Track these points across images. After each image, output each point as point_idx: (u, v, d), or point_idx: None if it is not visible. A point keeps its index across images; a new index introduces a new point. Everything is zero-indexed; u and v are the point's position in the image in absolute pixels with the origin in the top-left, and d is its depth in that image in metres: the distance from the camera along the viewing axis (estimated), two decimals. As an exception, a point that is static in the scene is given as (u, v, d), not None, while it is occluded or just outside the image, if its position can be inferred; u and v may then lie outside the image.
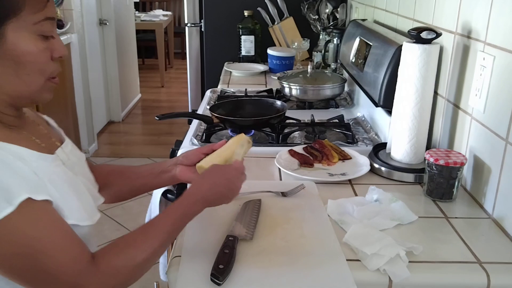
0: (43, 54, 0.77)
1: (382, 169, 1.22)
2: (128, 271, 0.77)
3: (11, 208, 0.67)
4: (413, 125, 1.19)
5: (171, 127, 4.53)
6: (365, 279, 0.82)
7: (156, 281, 1.47)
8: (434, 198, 1.09)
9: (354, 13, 2.31)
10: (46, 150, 0.80)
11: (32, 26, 0.74)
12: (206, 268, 0.81)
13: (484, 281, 0.83)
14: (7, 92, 0.76)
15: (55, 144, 0.87)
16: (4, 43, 0.73)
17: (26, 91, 0.77)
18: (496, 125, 1.00)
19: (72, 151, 0.90)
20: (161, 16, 6.41)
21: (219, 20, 2.73)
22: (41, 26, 0.75)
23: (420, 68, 1.14)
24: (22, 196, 0.68)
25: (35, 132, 0.84)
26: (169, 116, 1.57)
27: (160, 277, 1.47)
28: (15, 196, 0.68)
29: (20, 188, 0.69)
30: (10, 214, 0.67)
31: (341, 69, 2.17)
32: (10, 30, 0.72)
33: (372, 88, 1.46)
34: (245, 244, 0.90)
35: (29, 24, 0.74)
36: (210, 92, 2.07)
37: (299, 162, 1.28)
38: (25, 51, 0.74)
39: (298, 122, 1.63)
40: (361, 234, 0.91)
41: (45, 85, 0.79)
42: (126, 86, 4.89)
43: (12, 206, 0.67)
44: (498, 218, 1.00)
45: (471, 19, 1.10)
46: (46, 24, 0.76)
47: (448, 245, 0.92)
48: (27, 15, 0.73)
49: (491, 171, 1.02)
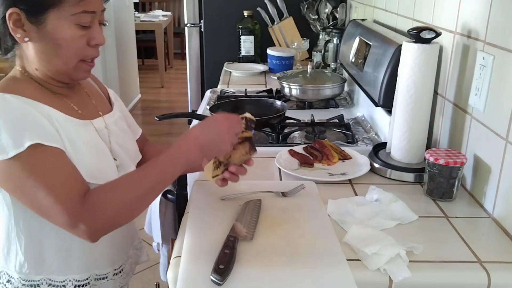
0: (79, 40, 0.91)
1: (382, 168, 1.22)
2: (115, 207, 0.87)
3: (21, 149, 0.82)
4: (413, 125, 1.19)
5: (171, 128, 4.54)
6: (365, 278, 0.82)
7: (156, 281, 1.48)
8: (434, 197, 1.09)
9: (354, 12, 2.31)
10: (81, 117, 0.97)
11: (70, 16, 0.88)
12: (206, 268, 0.81)
13: (484, 280, 0.83)
14: (48, 67, 0.93)
15: (98, 113, 1.03)
16: (45, 27, 0.88)
17: (63, 68, 0.93)
18: (496, 125, 1.00)
19: (117, 122, 1.07)
20: (161, 16, 6.41)
21: (219, 20, 2.73)
22: (78, 18, 0.89)
23: (419, 67, 1.14)
24: (33, 140, 0.83)
25: (80, 102, 1.00)
26: (169, 116, 1.57)
27: (161, 277, 1.48)
28: (27, 140, 0.83)
29: (33, 134, 0.84)
30: (20, 153, 0.82)
31: (340, 69, 2.17)
32: (51, 17, 0.88)
33: (372, 88, 1.46)
34: (246, 244, 0.90)
35: (68, 14, 0.88)
36: (210, 92, 2.06)
37: (299, 162, 1.28)
38: (62, 36, 0.89)
39: (298, 122, 1.63)
40: (361, 234, 0.91)
41: (78, 66, 0.94)
42: (126, 87, 4.89)
43: (22, 147, 0.82)
44: (498, 218, 1.00)
45: (471, 19, 1.10)
46: (83, 16, 0.89)
47: (448, 244, 0.92)
48: (66, 7, 0.87)
49: (491, 171, 1.02)
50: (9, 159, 0.83)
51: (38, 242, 0.96)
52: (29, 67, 0.94)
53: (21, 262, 0.97)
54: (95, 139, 0.98)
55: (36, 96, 0.91)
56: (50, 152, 0.86)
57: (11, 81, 0.93)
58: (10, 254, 0.97)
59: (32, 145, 0.83)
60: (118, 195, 0.88)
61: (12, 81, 0.94)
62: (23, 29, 0.88)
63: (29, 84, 0.93)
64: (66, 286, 0.99)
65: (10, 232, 0.96)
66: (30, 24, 0.88)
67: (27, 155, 0.83)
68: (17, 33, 0.88)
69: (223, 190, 1.13)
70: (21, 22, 0.88)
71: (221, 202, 1.07)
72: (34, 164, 0.84)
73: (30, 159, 0.84)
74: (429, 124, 1.22)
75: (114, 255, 1.08)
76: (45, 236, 0.96)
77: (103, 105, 1.09)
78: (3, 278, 0.99)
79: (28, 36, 0.89)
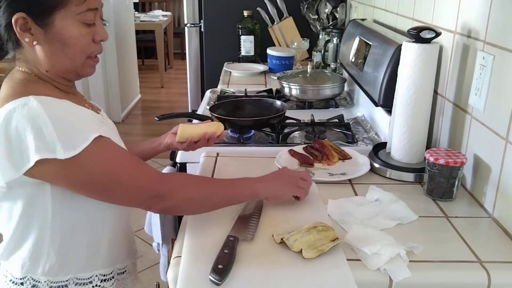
0: (85, 38, 0.93)
1: (382, 168, 1.22)
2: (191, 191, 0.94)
3: (87, 143, 0.85)
4: (413, 125, 1.19)
5: (171, 128, 4.52)
6: (365, 278, 0.82)
7: (156, 281, 1.48)
8: (435, 197, 1.09)
9: (354, 12, 2.31)
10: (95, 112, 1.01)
11: (76, 15, 0.90)
12: (206, 268, 0.81)
13: (484, 280, 0.83)
14: (58, 67, 0.94)
15: (97, 110, 1.06)
16: (53, 28, 0.89)
17: (71, 65, 0.95)
18: (496, 124, 1.00)
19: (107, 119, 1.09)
20: (161, 16, 6.41)
21: (219, 20, 2.73)
22: (83, 16, 0.91)
23: (419, 67, 1.14)
24: (95, 134, 0.87)
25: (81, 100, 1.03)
26: (169, 116, 1.57)
27: (161, 277, 1.47)
28: (90, 134, 0.86)
29: (91, 128, 0.88)
30: (87, 147, 0.85)
31: (340, 69, 2.17)
32: (58, 19, 0.89)
33: (372, 88, 1.46)
34: (246, 244, 0.90)
35: (74, 14, 0.90)
36: (210, 92, 2.06)
37: (299, 162, 1.28)
38: (70, 36, 0.91)
39: (298, 122, 1.63)
40: (361, 234, 0.91)
41: (86, 62, 0.96)
42: (126, 87, 4.89)
43: (88, 141, 0.85)
44: (498, 217, 1.00)
45: (471, 18, 1.10)
46: (88, 14, 0.91)
47: (448, 244, 0.92)
48: (72, 7, 0.89)
49: (491, 170, 1.02)
50: (74, 156, 0.84)
51: (71, 240, 0.96)
52: (38, 70, 0.94)
53: (52, 264, 0.96)
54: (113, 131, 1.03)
55: (57, 95, 0.92)
56: (108, 141, 0.91)
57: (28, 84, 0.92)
58: (41, 258, 0.96)
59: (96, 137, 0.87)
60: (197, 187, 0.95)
61: (29, 83, 0.92)
62: (31, 33, 0.89)
63: (45, 85, 0.94)
64: (92, 282, 1.00)
65: (43, 235, 0.94)
66: (37, 27, 0.88)
67: (93, 147, 0.86)
68: (25, 38, 0.89)
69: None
70: (28, 26, 0.88)
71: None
72: (103, 152, 0.89)
73: (97, 150, 0.87)
74: (429, 124, 1.22)
75: (131, 248, 1.12)
76: (79, 233, 0.97)
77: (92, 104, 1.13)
78: (27, 284, 0.97)
79: (36, 39, 0.89)
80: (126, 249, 1.09)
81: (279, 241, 0.90)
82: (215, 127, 1.21)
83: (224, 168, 1.26)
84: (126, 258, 1.09)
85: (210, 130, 1.20)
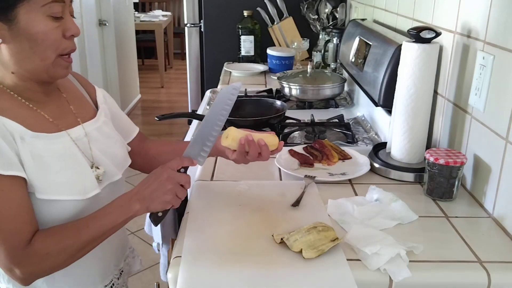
0: (54, 32, 0.86)
1: (382, 168, 1.22)
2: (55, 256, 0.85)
3: None
4: (413, 125, 1.19)
5: (171, 128, 4.54)
6: (365, 278, 0.82)
7: (156, 281, 1.48)
8: (434, 197, 1.09)
9: (354, 12, 2.31)
10: (55, 128, 0.92)
11: (41, 8, 0.84)
12: (206, 268, 0.81)
13: (484, 280, 0.83)
14: (25, 67, 0.87)
15: (76, 121, 0.97)
16: (17, 24, 0.83)
17: (40, 65, 0.88)
18: (496, 124, 1.00)
19: (100, 128, 1.01)
20: (161, 16, 6.41)
21: (219, 20, 2.73)
22: (49, 8, 0.85)
23: (419, 67, 1.14)
24: None
25: (56, 110, 0.95)
26: (169, 116, 1.57)
27: (161, 277, 1.48)
28: None
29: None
30: None
31: (340, 68, 2.17)
32: (22, 13, 0.83)
33: (372, 88, 1.46)
34: (246, 244, 0.90)
35: (38, 6, 0.84)
36: (210, 92, 2.06)
37: (299, 162, 1.28)
38: (37, 31, 0.84)
39: (298, 122, 1.63)
40: (361, 234, 0.91)
41: (57, 61, 0.89)
42: (126, 87, 4.89)
43: None
44: (498, 217, 1.00)
45: (471, 18, 1.10)
46: (54, 6, 0.85)
47: (448, 244, 0.92)
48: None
49: (491, 170, 1.02)
50: None
51: None
52: (3, 73, 0.89)
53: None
54: (70, 151, 0.93)
55: (5, 109, 0.86)
56: (5, 183, 0.82)
57: None
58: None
59: None
60: (61, 244, 0.85)
61: None
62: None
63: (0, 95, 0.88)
64: None
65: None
66: (1, 24, 0.83)
67: None
68: None
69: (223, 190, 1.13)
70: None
71: (221, 202, 1.07)
72: None
73: None
74: (429, 124, 1.22)
75: (105, 270, 1.04)
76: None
77: (85, 111, 1.02)
78: None
79: (0, 37, 0.84)
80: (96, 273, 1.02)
81: (279, 241, 0.90)
82: (270, 139, 1.04)
83: (224, 168, 1.26)
84: (97, 283, 1.02)
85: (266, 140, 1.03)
